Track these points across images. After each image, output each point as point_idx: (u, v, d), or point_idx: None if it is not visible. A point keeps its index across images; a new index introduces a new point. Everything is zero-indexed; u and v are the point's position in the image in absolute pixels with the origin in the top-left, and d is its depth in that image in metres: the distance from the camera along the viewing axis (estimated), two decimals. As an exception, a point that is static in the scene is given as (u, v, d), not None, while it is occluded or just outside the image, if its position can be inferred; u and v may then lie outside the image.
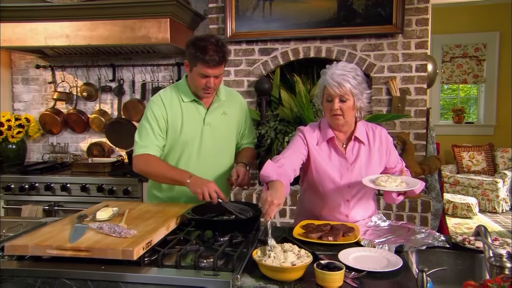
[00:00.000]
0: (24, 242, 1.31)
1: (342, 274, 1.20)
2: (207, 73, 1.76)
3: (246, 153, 2.08)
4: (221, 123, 1.96)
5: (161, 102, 1.87)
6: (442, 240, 1.56)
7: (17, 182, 3.17)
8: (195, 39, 1.78)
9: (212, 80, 1.79)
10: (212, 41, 1.74)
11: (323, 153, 1.76)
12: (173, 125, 1.88)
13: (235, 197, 2.98)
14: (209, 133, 1.93)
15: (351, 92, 1.64)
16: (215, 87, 1.83)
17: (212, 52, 1.72)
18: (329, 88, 1.65)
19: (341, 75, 1.63)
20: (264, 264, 1.23)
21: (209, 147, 1.94)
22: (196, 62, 1.75)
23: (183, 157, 1.92)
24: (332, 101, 1.67)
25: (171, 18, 3.01)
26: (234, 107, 2.02)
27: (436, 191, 3.07)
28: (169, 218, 1.58)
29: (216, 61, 1.73)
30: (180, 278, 1.22)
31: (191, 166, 1.91)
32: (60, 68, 3.76)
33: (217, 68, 1.77)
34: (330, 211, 1.80)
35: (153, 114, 1.86)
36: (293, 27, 2.98)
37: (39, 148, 3.92)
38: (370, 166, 1.75)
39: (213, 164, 1.97)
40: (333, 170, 1.75)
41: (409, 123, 2.96)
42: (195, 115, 1.91)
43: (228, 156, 2.03)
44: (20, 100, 3.92)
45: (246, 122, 2.10)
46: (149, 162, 1.83)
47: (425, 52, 2.90)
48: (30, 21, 3.19)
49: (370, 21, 2.87)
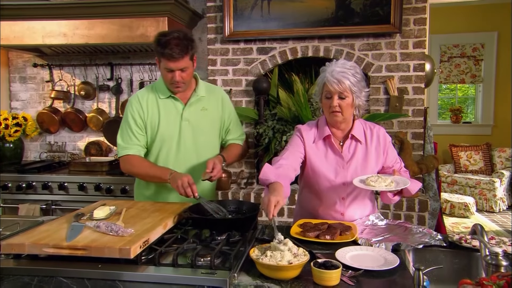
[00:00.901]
0: (20, 240, 1.31)
1: (339, 273, 1.21)
2: (170, 67, 1.78)
3: (230, 149, 2.07)
4: (201, 119, 1.97)
5: (137, 101, 1.91)
6: (439, 239, 1.57)
7: (14, 181, 3.16)
8: (158, 34, 1.80)
9: (177, 74, 1.80)
10: (174, 35, 1.76)
11: (319, 151, 1.78)
12: (151, 122, 1.91)
13: (233, 196, 2.98)
14: (188, 129, 1.94)
15: (350, 89, 1.65)
16: (183, 81, 1.84)
17: (173, 45, 1.74)
18: (328, 85, 1.66)
19: (341, 72, 1.64)
20: (261, 263, 1.23)
21: (189, 143, 1.95)
22: (160, 57, 1.79)
23: (161, 153, 1.94)
24: (331, 98, 1.68)
25: (169, 17, 3.01)
26: (214, 103, 2.02)
27: (433, 191, 3.08)
28: (166, 216, 1.58)
29: (177, 54, 1.74)
30: (177, 277, 1.22)
31: (171, 163, 1.93)
32: (57, 67, 3.75)
33: (180, 62, 1.77)
34: (326, 209, 1.81)
35: (131, 114, 1.90)
36: (291, 26, 2.98)
37: (37, 147, 3.91)
38: (367, 164, 1.76)
39: (194, 160, 1.98)
40: (329, 168, 1.76)
41: (407, 123, 2.96)
42: (173, 111, 1.93)
43: (209, 152, 2.03)
44: (17, 99, 3.91)
45: (230, 117, 2.09)
46: (133, 163, 1.89)
47: (423, 51, 2.91)
48: (28, 20, 3.17)
49: (368, 20, 2.87)
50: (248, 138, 3.14)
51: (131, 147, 1.90)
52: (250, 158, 3.19)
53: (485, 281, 0.94)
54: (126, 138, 1.90)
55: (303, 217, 1.86)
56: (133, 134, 1.90)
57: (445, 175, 6.08)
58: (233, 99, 3.15)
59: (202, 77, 3.45)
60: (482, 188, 5.65)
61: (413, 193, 1.70)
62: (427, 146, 3.06)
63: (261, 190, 3.02)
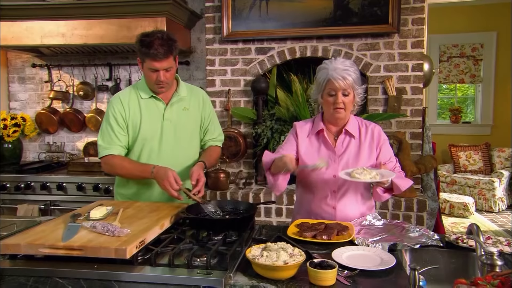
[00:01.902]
0: (16, 241, 1.31)
1: (335, 273, 1.21)
2: (155, 66, 1.79)
3: (210, 153, 2.08)
4: (182, 119, 1.99)
5: (119, 101, 1.92)
6: (436, 239, 1.56)
7: (12, 181, 3.16)
8: (141, 35, 1.81)
9: (162, 74, 1.82)
10: (157, 36, 1.77)
11: (313, 145, 1.82)
12: (133, 122, 1.92)
13: (232, 196, 2.97)
14: (170, 129, 1.96)
15: (352, 86, 1.70)
16: (167, 81, 1.85)
17: (157, 45, 1.75)
18: (334, 82, 1.68)
19: (344, 70, 1.68)
20: (257, 263, 1.23)
21: (171, 143, 1.96)
22: (144, 57, 1.80)
23: (143, 153, 1.95)
24: (335, 95, 1.70)
25: (168, 17, 3.01)
26: (195, 103, 2.04)
27: (432, 190, 3.08)
28: (163, 217, 1.58)
29: (162, 54, 1.76)
30: (173, 277, 1.22)
31: (152, 162, 1.93)
32: (56, 67, 3.75)
33: (164, 61, 1.79)
34: (318, 203, 1.83)
35: (112, 114, 1.90)
36: (289, 26, 2.98)
37: (36, 147, 3.91)
38: (359, 159, 1.78)
39: (176, 159, 1.98)
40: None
41: (405, 123, 2.96)
42: (154, 111, 1.94)
43: (191, 152, 2.05)
44: (16, 99, 3.91)
45: (209, 117, 2.10)
46: (114, 163, 1.90)
47: (421, 51, 2.91)
48: (26, 20, 3.17)
49: (366, 20, 2.87)
50: (247, 138, 3.14)
51: (112, 148, 1.89)
52: (249, 158, 3.19)
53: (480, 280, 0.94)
54: (107, 139, 1.90)
55: (299, 213, 1.90)
56: (114, 134, 1.89)
57: (444, 175, 6.08)
58: (231, 99, 3.15)
59: (201, 77, 3.51)
60: (482, 188, 5.65)
61: (403, 189, 1.71)
62: (425, 146, 3.06)
63: (259, 191, 3.02)
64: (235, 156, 3.09)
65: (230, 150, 3.07)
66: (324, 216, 1.81)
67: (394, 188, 1.72)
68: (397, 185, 1.70)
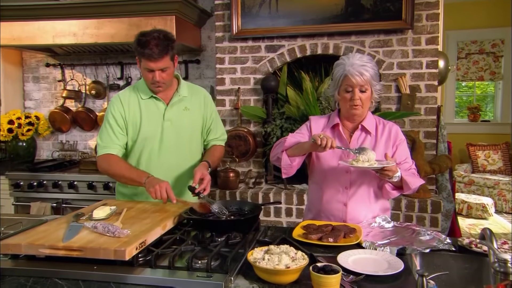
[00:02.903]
0: (17, 241, 1.30)
1: (339, 278, 1.16)
2: (150, 67, 1.77)
3: (213, 152, 2.04)
4: (183, 119, 1.96)
5: (119, 102, 1.90)
6: (448, 243, 1.50)
7: (26, 180, 3.20)
8: (138, 34, 1.79)
9: (157, 74, 1.79)
10: (154, 35, 1.75)
11: None
12: (133, 122, 1.90)
13: (241, 196, 2.95)
14: (170, 129, 1.93)
15: (370, 82, 1.67)
16: (163, 81, 1.83)
17: (152, 45, 1.73)
18: (351, 78, 1.64)
19: (362, 66, 1.64)
20: (259, 266, 1.20)
21: (171, 143, 1.94)
22: (140, 57, 1.78)
23: (144, 153, 1.93)
24: (352, 91, 1.67)
25: (177, 16, 2.99)
26: (196, 102, 2.01)
27: (447, 191, 2.99)
28: (166, 217, 1.55)
29: (156, 54, 1.73)
30: (172, 280, 1.19)
31: (153, 163, 1.93)
32: (69, 67, 3.78)
33: (160, 61, 1.76)
34: (329, 200, 1.79)
35: (112, 114, 1.89)
36: (300, 23, 2.92)
37: (49, 145, 3.96)
38: None
39: (176, 159, 1.96)
40: (333, 155, 1.76)
41: (419, 121, 2.88)
42: (155, 111, 1.92)
43: (192, 152, 2.02)
44: (31, 98, 3.97)
45: (212, 117, 2.07)
46: (110, 162, 1.86)
47: (436, 48, 2.81)
48: (39, 20, 3.21)
49: (379, 16, 2.79)
50: (256, 137, 3.11)
51: (110, 146, 1.88)
52: (259, 157, 3.16)
53: (491, 290, 0.88)
54: (106, 138, 1.88)
55: (310, 211, 1.88)
56: (113, 133, 1.88)
57: (461, 175, 5.92)
58: (241, 97, 3.12)
59: (211, 76, 3.48)
60: (502, 188, 5.47)
61: (412, 187, 1.67)
62: (440, 146, 2.97)
63: (269, 190, 2.98)
64: (244, 155, 3.06)
65: (239, 149, 3.04)
66: (335, 213, 1.77)
67: (404, 185, 1.67)
68: (407, 182, 1.64)
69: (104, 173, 1.92)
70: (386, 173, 1.61)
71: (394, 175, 1.62)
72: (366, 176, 1.74)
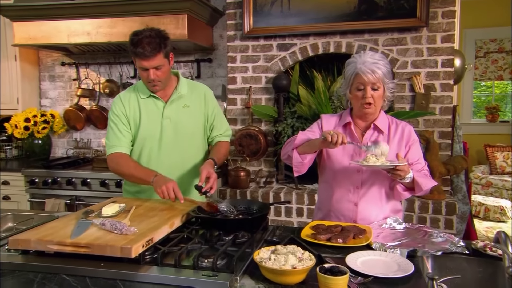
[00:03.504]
0: (27, 236, 1.32)
1: (346, 279, 1.14)
2: (144, 65, 1.77)
3: (219, 148, 2.03)
4: (183, 116, 1.95)
5: (119, 101, 1.93)
6: (461, 246, 1.46)
7: (41, 177, 3.25)
8: (132, 33, 1.78)
9: (152, 72, 1.79)
10: (146, 34, 1.74)
11: None
12: (133, 121, 1.92)
13: (251, 195, 2.94)
14: (169, 127, 1.93)
15: (382, 80, 1.64)
16: (159, 79, 1.82)
17: (145, 44, 1.72)
18: (362, 76, 1.62)
19: (374, 63, 1.62)
20: (265, 266, 1.18)
21: (171, 141, 1.93)
22: (134, 56, 1.78)
23: (143, 152, 1.94)
24: (364, 89, 1.65)
25: (189, 14, 3.00)
26: (197, 100, 1.99)
27: (462, 193, 2.92)
28: (174, 216, 1.55)
29: (148, 52, 1.73)
30: (178, 278, 1.19)
31: (153, 161, 1.93)
32: (84, 65, 3.83)
33: (153, 60, 1.75)
34: (339, 199, 1.76)
35: (115, 113, 1.92)
36: (312, 21, 2.89)
37: (64, 143, 4.02)
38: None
39: (178, 157, 1.95)
40: (344, 154, 1.74)
41: (434, 121, 2.82)
42: (154, 110, 1.92)
43: (193, 150, 2.00)
44: (47, 97, 4.03)
45: (214, 113, 2.05)
46: (119, 161, 1.88)
47: (452, 46, 2.75)
48: (54, 19, 3.26)
49: (393, 14, 2.74)
50: (267, 136, 3.09)
51: (117, 145, 1.90)
52: (269, 156, 3.14)
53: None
54: (113, 137, 1.90)
55: (320, 210, 1.86)
56: (119, 131, 1.90)
57: (479, 176, 5.79)
58: (252, 96, 3.11)
59: (223, 74, 3.48)
60: (521, 191, 5.34)
61: (424, 188, 1.63)
62: (456, 146, 2.90)
63: (280, 190, 2.96)
64: (255, 154, 3.05)
65: (250, 148, 3.03)
66: (345, 213, 1.74)
67: (415, 186, 1.63)
68: (418, 183, 1.61)
69: (114, 173, 1.95)
70: (398, 173, 1.58)
71: (406, 176, 1.59)
72: (377, 176, 1.70)
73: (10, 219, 1.83)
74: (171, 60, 1.86)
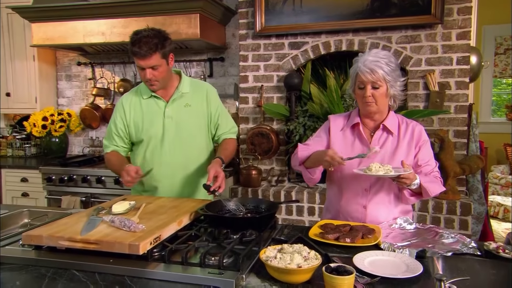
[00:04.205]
0: (39, 232, 1.35)
1: (352, 279, 1.13)
2: (140, 64, 1.79)
3: (226, 146, 2.03)
4: (184, 116, 1.96)
5: (121, 106, 1.98)
6: (473, 247, 1.43)
7: (57, 174, 3.32)
8: (132, 32, 1.80)
9: (148, 72, 1.80)
10: (143, 34, 1.76)
11: (347, 139, 1.76)
12: (135, 123, 1.96)
13: (263, 194, 2.94)
14: (171, 126, 1.94)
15: (384, 78, 1.61)
16: (156, 79, 1.83)
17: (142, 44, 1.74)
18: (361, 75, 1.62)
19: (374, 62, 1.60)
20: (270, 265, 1.19)
21: (173, 140, 1.95)
22: (132, 55, 1.80)
23: (147, 152, 1.98)
24: (364, 88, 1.64)
25: (201, 14, 3.01)
26: (199, 98, 2.00)
27: (478, 193, 2.86)
28: (183, 213, 1.57)
29: (144, 51, 1.74)
30: (184, 276, 1.20)
31: (157, 161, 1.96)
32: (99, 65, 3.90)
33: (149, 59, 1.76)
34: (348, 202, 1.75)
35: (114, 117, 2.00)
36: (324, 19, 2.87)
37: (80, 141, 4.10)
38: (395, 157, 1.68)
39: (182, 157, 1.97)
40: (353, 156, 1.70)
41: (449, 120, 2.76)
42: (155, 110, 1.95)
43: (197, 149, 2.01)
44: (64, 96, 4.12)
45: (218, 111, 2.04)
46: (108, 160, 2.02)
47: (468, 43, 2.69)
48: (70, 20, 3.32)
49: (407, 11, 2.70)
50: (279, 135, 3.09)
51: (109, 146, 2.02)
52: (281, 155, 3.13)
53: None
54: (107, 138, 2.03)
55: (329, 211, 1.85)
56: (112, 135, 2.01)
57: (498, 176, 5.65)
58: (264, 95, 3.11)
59: (235, 73, 3.49)
60: (541, 191, 5.20)
61: (432, 195, 1.61)
62: (471, 145, 2.85)
63: (291, 188, 2.96)
64: (267, 153, 3.05)
65: (262, 147, 3.03)
66: (354, 215, 1.73)
67: (423, 192, 1.61)
68: (425, 189, 1.58)
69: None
70: (403, 181, 1.56)
71: (412, 183, 1.57)
72: (386, 179, 1.68)
73: (26, 215, 1.88)
74: (171, 61, 1.86)
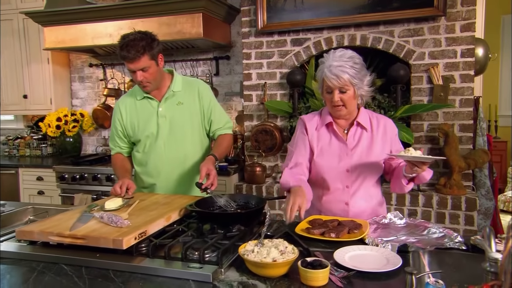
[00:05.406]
0: (31, 228, 1.42)
1: (326, 273, 1.15)
2: (130, 68, 1.82)
3: (220, 142, 2.05)
4: (177, 114, 1.99)
5: (117, 109, 2.04)
6: (459, 242, 1.42)
7: (70, 173, 3.44)
8: (120, 37, 1.83)
9: (139, 74, 1.83)
10: (130, 37, 1.78)
11: (323, 138, 1.76)
12: (131, 125, 2.01)
13: (267, 190, 2.96)
14: (165, 125, 1.98)
15: (350, 82, 1.61)
16: (147, 80, 1.86)
17: (129, 47, 1.76)
18: (327, 81, 1.62)
19: (339, 67, 1.59)
20: (247, 259, 1.21)
21: (168, 139, 1.98)
22: (121, 59, 1.83)
23: (145, 151, 2.03)
24: (332, 92, 1.64)
25: (204, 13, 3.05)
26: (191, 96, 2.02)
27: (486, 188, 2.79)
28: (172, 210, 1.61)
29: (132, 54, 1.76)
30: (165, 269, 1.24)
31: (154, 160, 2.00)
32: (109, 66, 4.00)
33: (137, 62, 1.79)
34: (330, 200, 1.76)
35: (113, 120, 2.06)
36: (325, 15, 2.86)
37: (93, 141, 4.22)
38: (371, 152, 1.71)
39: (176, 155, 2.00)
40: (332, 154, 1.73)
41: (453, 114, 2.71)
42: (149, 110, 1.99)
43: (192, 146, 2.04)
44: (77, 97, 4.25)
45: (210, 107, 2.05)
46: (113, 164, 2.11)
47: (472, 35, 2.63)
48: (80, 23, 3.42)
49: (409, 4, 2.66)
50: (283, 131, 3.10)
51: (114, 148, 2.11)
52: (285, 152, 3.14)
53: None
54: (112, 140, 2.11)
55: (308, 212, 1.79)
56: (117, 136, 2.07)
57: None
58: (267, 92, 3.12)
59: (241, 71, 3.52)
60: (562, 186, 5.01)
61: (427, 179, 1.61)
62: (478, 139, 2.78)
63: (295, 185, 2.96)
64: (271, 150, 3.07)
65: (266, 144, 3.05)
66: (336, 213, 1.74)
67: (420, 178, 1.61)
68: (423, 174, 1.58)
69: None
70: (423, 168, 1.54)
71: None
72: (366, 173, 1.70)
73: (30, 212, 1.97)
74: (160, 61, 1.89)
